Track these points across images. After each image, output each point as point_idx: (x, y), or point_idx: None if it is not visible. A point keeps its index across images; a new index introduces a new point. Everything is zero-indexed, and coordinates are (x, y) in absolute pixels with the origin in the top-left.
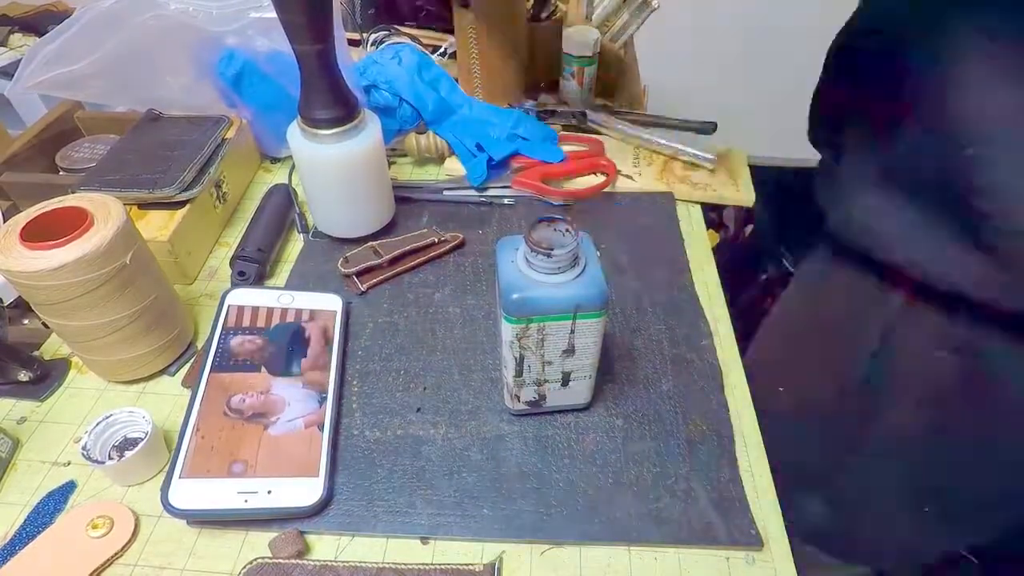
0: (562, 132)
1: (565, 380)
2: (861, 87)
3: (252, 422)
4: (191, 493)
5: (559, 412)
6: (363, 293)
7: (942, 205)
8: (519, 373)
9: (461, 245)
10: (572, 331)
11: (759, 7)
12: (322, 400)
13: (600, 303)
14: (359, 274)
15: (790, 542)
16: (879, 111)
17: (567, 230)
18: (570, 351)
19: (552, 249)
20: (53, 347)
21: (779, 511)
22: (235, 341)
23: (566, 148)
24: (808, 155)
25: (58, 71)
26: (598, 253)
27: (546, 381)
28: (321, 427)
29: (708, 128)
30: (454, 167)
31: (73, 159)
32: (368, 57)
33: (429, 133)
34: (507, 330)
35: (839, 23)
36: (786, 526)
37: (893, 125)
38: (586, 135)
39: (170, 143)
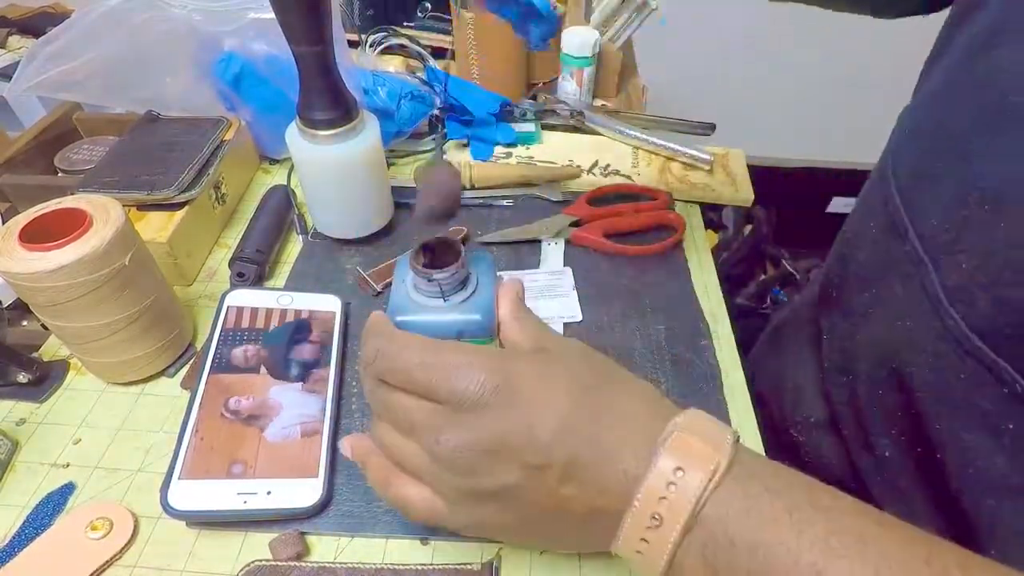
0: (624, 183)
1: None
2: None
3: (249, 424)
4: (190, 494)
5: None
6: (379, 294)
7: None
8: None
9: (466, 240)
10: None
11: (758, 7)
12: (321, 403)
13: (485, 331)
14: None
15: None
16: None
17: (456, 253)
18: None
19: (432, 272)
20: (52, 348)
21: None
22: (238, 351)
23: (636, 206)
24: (807, 155)
25: (56, 72)
26: (501, 275)
27: None
28: (320, 431)
29: (707, 128)
30: None
31: (72, 161)
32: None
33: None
34: None
35: (837, 22)
36: None
37: None
38: (652, 188)
39: (169, 144)
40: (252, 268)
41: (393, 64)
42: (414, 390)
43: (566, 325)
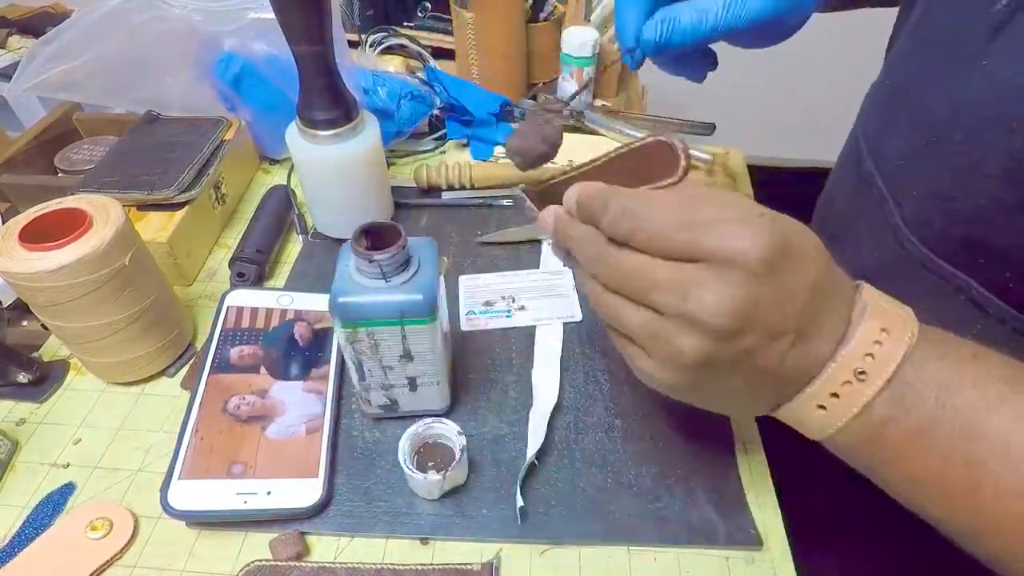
0: None
1: (412, 385)
2: None
3: (250, 424)
4: (190, 494)
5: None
6: None
7: None
8: (362, 377)
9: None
10: (404, 337)
11: None
12: (322, 402)
13: (426, 310)
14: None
15: (790, 542)
16: None
17: (397, 235)
18: (407, 357)
19: (373, 254)
20: (52, 349)
21: (779, 511)
22: (234, 351)
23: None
24: (806, 155)
25: (56, 72)
26: (446, 259)
27: (392, 386)
28: (321, 430)
29: (707, 129)
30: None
31: (72, 161)
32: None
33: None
34: (339, 334)
35: (839, 23)
36: (785, 526)
37: None
38: None
39: (169, 144)
40: (252, 268)
41: (393, 64)
42: (665, 249)
43: (566, 325)
